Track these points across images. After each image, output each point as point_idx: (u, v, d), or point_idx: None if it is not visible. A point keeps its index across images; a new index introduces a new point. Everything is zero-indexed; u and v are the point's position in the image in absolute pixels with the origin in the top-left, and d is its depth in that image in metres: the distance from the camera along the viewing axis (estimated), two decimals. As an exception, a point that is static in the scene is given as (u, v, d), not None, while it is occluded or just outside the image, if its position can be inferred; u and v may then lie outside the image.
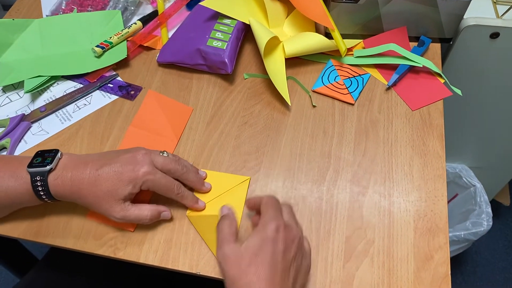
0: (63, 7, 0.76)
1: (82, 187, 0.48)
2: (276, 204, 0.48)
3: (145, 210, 0.51)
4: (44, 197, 0.49)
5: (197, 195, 0.56)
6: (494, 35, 0.72)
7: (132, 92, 0.67)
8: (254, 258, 0.43)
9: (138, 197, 0.53)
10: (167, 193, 0.51)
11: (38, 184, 0.48)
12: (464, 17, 0.69)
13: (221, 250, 0.45)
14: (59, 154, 0.50)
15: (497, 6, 0.75)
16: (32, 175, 0.48)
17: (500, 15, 0.74)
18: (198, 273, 0.51)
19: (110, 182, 0.48)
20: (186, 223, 0.55)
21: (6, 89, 0.68)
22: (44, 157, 0.49)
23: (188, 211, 0.55)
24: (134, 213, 0.50)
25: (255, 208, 0.51)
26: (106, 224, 0.54)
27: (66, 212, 0.55)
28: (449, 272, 0.51)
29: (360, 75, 0.68)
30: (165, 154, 0.53)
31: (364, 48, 0.70)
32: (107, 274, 0.70)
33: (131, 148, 0.53)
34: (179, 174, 0.52)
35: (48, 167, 0.48)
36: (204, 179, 0.57)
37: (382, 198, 0.56)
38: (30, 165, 0.49)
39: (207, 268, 0.51)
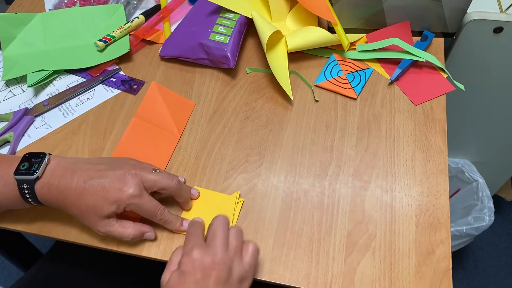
0: (65, 1, 0.76)
1: (67, 197, 0.48)
2: (195, 230, 0.48)
3: (128, 229, 0.50)
4: (32, 202, 0.49)
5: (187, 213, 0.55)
6: (498, 30, 0.72)
7: (135, 86, 0.67)
8: None
9: (128, 212, 0.51)
10: (149, 217, 0.50)
11: (26, 192, 0.47)
12: (468, 11, 0.68)
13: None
14: (46, 159, 0.48)
15: (501, 0, 0.75)
16: (19, 183, 0.47)
17: (504, 10, 0.73)
18: (201, 267, 0.52)
19: (95, 198, 0.47)
20: (188, 217, 0.55)
21: (9, 83, 0.68)
22: (31, 162, 0.48)
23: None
24: (117, 230, 0.49)
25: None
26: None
27: (70, 206, 0.56)
28: (450, 266, 0.51)
29: (362, 69, 0.67)
30: (157, 172, 0.51)
31: (367, 42, 0.70)
32: (111, 268, 0.70)
33: (122, 160, 0.51)
34: (173, 191, 0.51)
35: (34, 176, 0.47)
36: (197, 198, 0.56)
37: (384, 192, 0.57)
38: (17, 172, 0.48)
39: (210, 262, 0.52)
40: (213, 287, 0.43)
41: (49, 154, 0.50)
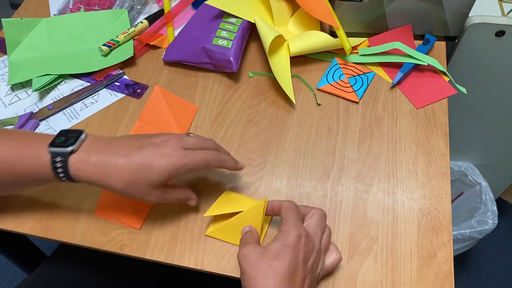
0: (70, 6, 0.77)
1: (109, 174, 0.46)
2: (296, 210, 0.49)
3: (179, 193, 0.51)
4: (63, 178, 0.47)
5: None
6: (500, 33, 0.72)
7: (139, 91, 0.68)
8: (272, 262, 0.43)
9: None
10: (208, 166, 0.50)
11: (58, 165, 0.46)
12: (470, 15, 0.69)
13: (241, 250, 0.46)
14: (83, 135, 0.47)
15: (503, 4, 0.75)
16: (53, 155, 0.46)
17: (506, 13, 0.74)
18: (204, 270, 0.52)
19: (142, 168, 0.46)
20: (191, 220, 0.55)
21: (14, 87, 0.69)
22: (67, 137, 0.47)
23: (207, 232, 0.54)
24: (171, 196, 0.50)
25: (273, 212, 0.51)
26: (113, 221, 0.55)
27: (74, 209, 0.56)
28: (452, 269, 0.51)
29: (364, 73, 0.68)
30: (193, 135, 0.51)
31: (369, 46, 0.71)
32: (114, 270, 0.71)
33: (159, 133, 0.51)
34: (212, 153, 0.51)
35: (69, 148, 0.45)
36: (241, 167, 0.55)
37: (386, 196, 0.57)
38: (52, 144, 0.46)
39: (212, 265, 0.52)
40: (302, 272, 0.45)
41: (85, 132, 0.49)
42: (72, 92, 0.68)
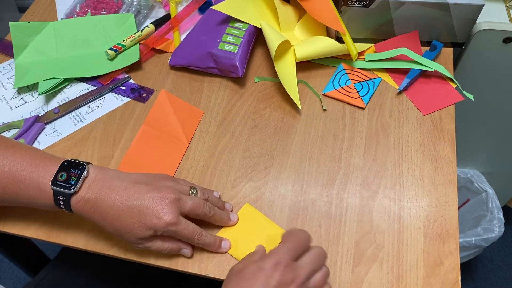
0: (77, 10, 0.78)
1: (104, 216, 0.47)
2: (296, 238, 0.47)
3: (166, 243, 0.50)
4: (65, 211, 0.49)
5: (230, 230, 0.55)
6: (507, 40, 0.72)
7: (144, 95, 0.68)
8: (242, 282, 0.43)
9: None
10: (187, 241, 0.51)
11: (61, 202, 0.47)
12: (477, 21, 0.68)
13: (234, 265, 0.47)
14: (85, 173, 0.47)
15: (511, 10, 0.75)
16: (55, 193, 0.47)
17: (513, 20, 0.73)
18: (207, 276, 0.52)
19: (132, 221, 0.47)
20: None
21: (20, 90, 0.69)
22: (69, 174, 0.47)
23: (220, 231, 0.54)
24: (155, 245, 0.50)
25: None
26: (117, 225, 0.55)
27: (78, 213, 0.56)
28: (459, 278, 0.50)
29: (371, 79, 0.67)
30: (193, 194, 0.51)
31: (375, 52, 0.70)
32: (119, 275, 0.71)
33: (161, 180, 0.51)
34: (206, 218, 0.51)
35: (71, 191, 0.46)
36: (235, 224, 0.55)
37: (392, 202, 0.56)
38: (54, 182, 0.47)
39: (216, 271, 0.52)
40: None
41: (88, 163, 0.49)
42: (78, 95, 0.68)
